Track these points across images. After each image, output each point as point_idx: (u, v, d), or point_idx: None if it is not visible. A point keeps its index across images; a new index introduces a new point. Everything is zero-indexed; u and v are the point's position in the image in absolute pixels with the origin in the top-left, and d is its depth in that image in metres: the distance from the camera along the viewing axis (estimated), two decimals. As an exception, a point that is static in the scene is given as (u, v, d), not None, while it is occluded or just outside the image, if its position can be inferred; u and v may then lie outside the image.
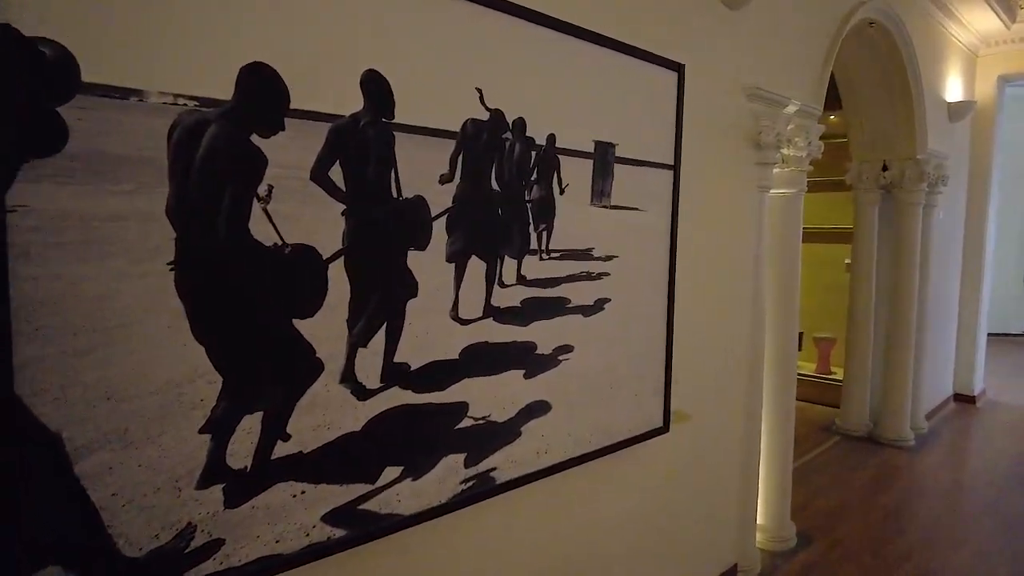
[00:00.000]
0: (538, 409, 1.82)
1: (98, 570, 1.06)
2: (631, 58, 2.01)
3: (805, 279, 7.23)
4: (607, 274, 2.02)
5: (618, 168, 2.01)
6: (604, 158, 1.95)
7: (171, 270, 1.11)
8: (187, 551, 1.16)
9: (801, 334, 6.84)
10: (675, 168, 2.24)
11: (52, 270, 0.99)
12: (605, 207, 1.98)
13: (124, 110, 1.04)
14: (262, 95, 1.19)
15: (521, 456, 1.77)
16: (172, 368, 1.13)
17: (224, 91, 1.14)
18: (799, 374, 6.65)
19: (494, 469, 1.70)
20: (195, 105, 1.11)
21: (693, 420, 2.52)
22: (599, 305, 1.99)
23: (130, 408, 1.08)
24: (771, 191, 2.92)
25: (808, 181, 3.17)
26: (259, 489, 1.26)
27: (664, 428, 2.33)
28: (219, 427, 1.19)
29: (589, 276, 1.95)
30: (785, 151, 2.95)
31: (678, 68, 2.19)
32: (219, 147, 1.13)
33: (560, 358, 1.87)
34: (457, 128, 1.53)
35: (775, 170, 2.93)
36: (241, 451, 1.23)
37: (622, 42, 1.95)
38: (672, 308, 2.30)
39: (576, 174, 1.88)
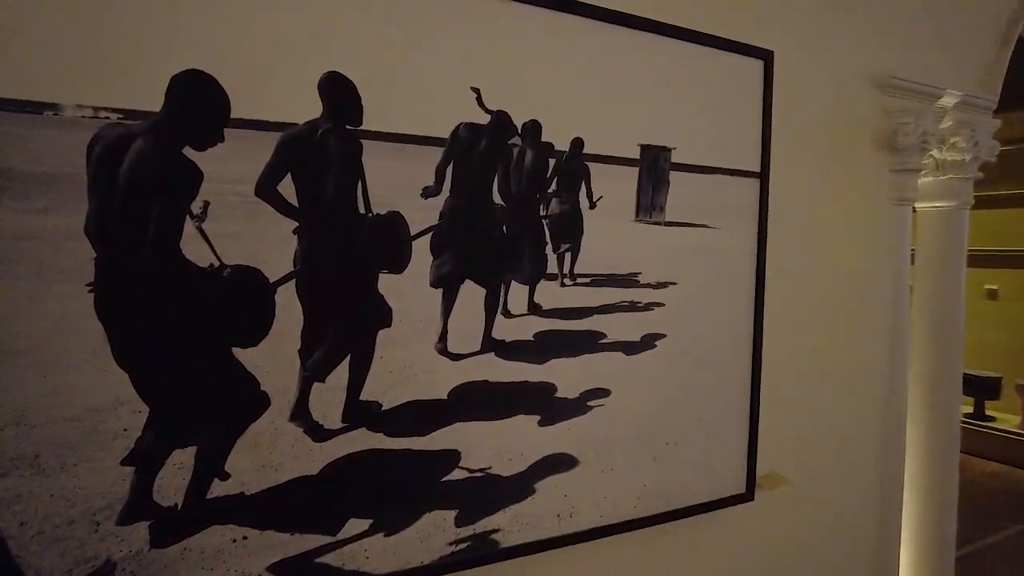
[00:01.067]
0: (559, 463, 1.53)
1: (1, 603, 1.02)
2: (695, 45, 1.67)
3: (1002, 312, 5.93)
4: (660, 304, 1.68)
5: (678, 177, 1.68)
6: (654, 165, 1.63)
7: (90, 292, 1.05)
8: (102, 591, 1.08)
9: (999, 379, 5.58)
10: (762, 176, 1.84)
11: (-45, 289, 0.97)
12: (657, 224, 1.66)
13: (36, 125, 1.00)
14: (197, 106, 1.11)
15: (535, 518, 1.50)
16: (91, 394, 1.06)
17: (152, 102, 1.07)
18: (994, 429, 5.44)
19: (496, 531, 1.45)
20: (119, 118, 1.05)
21: (795, 485, 2.04)
22: (648, 342, 1.66)
23: (42, 434, 1.03)
24: (917, 204, 2.33)
25: (994, 194, 2.49)
26: (192, 530, 1.15)
27: (748, 495, 1.89)
28: (144, 460, 1.11)
29: (633, 306, 1.64)
30: (937, 154, 2.34)
31: (764, 56, 1.80)
32: (146, 161, 1.06)
33: (591, 404, 1.58)
34: (446, 134, 1.35)
35: (923, 179, 2.34)
36: (171, 487, 1.13)
37: (675, 26, 1.63)
38: (759, 346, 1.87)
39: (616, 184, 1.59)
